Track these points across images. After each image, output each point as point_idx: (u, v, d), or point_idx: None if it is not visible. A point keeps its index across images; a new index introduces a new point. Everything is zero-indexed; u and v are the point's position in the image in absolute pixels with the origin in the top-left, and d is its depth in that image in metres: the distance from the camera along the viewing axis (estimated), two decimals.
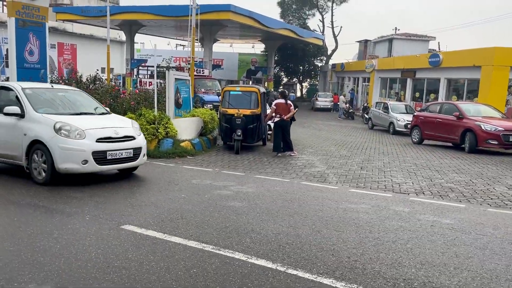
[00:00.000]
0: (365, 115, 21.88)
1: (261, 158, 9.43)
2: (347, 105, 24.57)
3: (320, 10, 40.86)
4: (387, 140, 14.75)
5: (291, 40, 31.29)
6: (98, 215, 4.51)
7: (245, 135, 9.95)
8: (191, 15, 13.47)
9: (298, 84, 40.09)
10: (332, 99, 29.20)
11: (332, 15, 40.16)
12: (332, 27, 40.25)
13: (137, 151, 6.29)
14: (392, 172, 8.17)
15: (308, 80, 41.82)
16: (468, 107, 12.49)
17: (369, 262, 3.40)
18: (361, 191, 6.29)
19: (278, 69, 38.72)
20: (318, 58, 39.82)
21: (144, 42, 41.63)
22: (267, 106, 11.52)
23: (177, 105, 11.18)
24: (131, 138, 6.25)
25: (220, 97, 12.58)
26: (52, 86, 7.26)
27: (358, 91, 29.56)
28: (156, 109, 9.95)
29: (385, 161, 9.58)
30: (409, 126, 16.85)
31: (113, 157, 5.92)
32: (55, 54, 30.88)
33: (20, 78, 14.58)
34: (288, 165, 8.66)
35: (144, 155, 6.51)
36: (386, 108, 18.15)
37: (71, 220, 4.32)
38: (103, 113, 6.95)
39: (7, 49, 33.37)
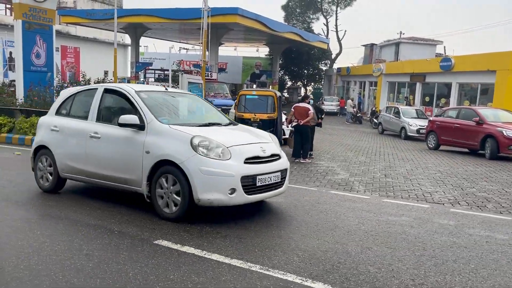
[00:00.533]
0: (374, 120, 21.62)
1: None
2: (355, 109, 24.31)
3: (325, 14, 40.76)
4: (401, 145, 14.45)
5: (296, 44, 31.09)
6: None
7: None
8: (202, 18, 13.23)
9: (302, 88, 39.85)
10: (339, 103, 28.96)
11: (336, 19, 40.08)
12: (336, 31, 40.15)
13: (284, 174, 4.91)
14: (419, 180, 7.87)
15: (312, 84, 41.61)
16: (487, 112, 12.21)
17: (437, 287, 3.09)
18: (395, 201, 5.98)
19: (282, 72, 38.51)
20: (322, 62, 39.64)
21: (148, 46, 41.48)
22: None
23: None
24: (277, 157, 4.87)
25: (235, 101, 12.25)
26: (166, 89, 5.82)
27: (364, 95, 29.32)
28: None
29: (407, 167, 9.28)
30: (421, 131, 16.64)
31: (262, 184, 4.48)
32: (58, 57, 30.64)
33: (27, 81, 14.29)
34: (309, 172, 8.36)
35: (288, 179, 5.11)
36: (397, 113, 17.88)
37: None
38: (230, 123, 5.49)
39: (10, 52, 33.12)
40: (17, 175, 6.63)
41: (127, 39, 44.47)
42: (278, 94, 10.77)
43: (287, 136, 12.22)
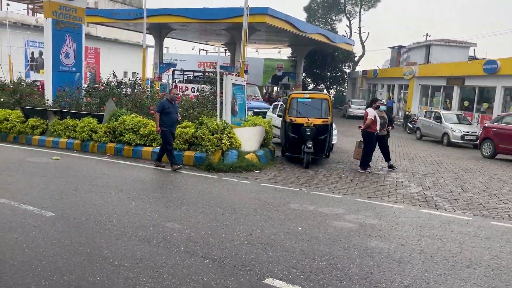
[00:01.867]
0: (409, 124, 20.63)
1: (336, 173, 8.35)
2: None
3: (348, 15, 39.79)
4: (450, 153, 13.47)
5: (321, 45, 30.23)
6: None
7: (315, 147, 8.88)
8: (243, 16, 12.53)
9: (325, 91, 38.92)
10: (366, 106, 27.95)
11: (359, 21, 39.05)
12: (360, 33, 39.11)
13: None
14: (504, 195, 6.98)
15: (335, 86, 40.64)
16: None
17: None
18: (506, 225, 5.12)
19: (305, 75, 37.67)
20: (346, 64, 38.65)
21: (168, 47, 41.05)
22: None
23: (233, 112, 10.17)
24: None
25: (281, 103, 11.45)
26: None
27: (393, 99, 28.25)
28: (219, 117, 8.95)
29: (481, 180, 8.38)
30: (466, 137, 15.63)
31: None
32: None
33: (56, 82, 13.76)
34: (374, 183, 7.55)
35: None
36: (438, 118, 16.89)
37: None
38: None
39: (32, 52, 32.93)
40: (69, 185, 5.98)
41: (147, 40, 44.32)
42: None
43: (335, 142, 11.42)
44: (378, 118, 8.76)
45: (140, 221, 4.52)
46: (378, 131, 8.79)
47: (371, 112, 8.65)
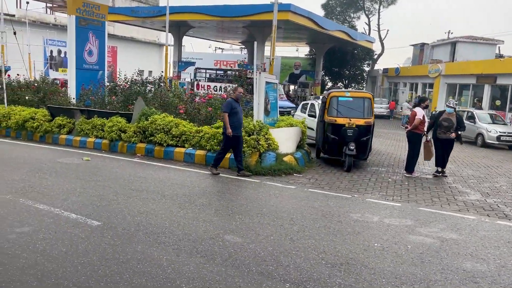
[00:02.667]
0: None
1: (381, 177, 7.83)
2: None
3: (367, 12, 38.94)
4: (489, 154, 12.77)
5: (341, 43, 29.54)
6: None
7: (357, 149, 8.35)
8: (264, 13, 12.03)
9: (343, 89, 38.22)
10: (388, 105, 27.20)
11: (378, 18, 38.18)
12: (379, 30, 38.24)
13: None
14: None
15: (353, 85, 39.83)
16: None
17: None
18: None
19: (323, 73, 36.99)
20: (365, 63, 37.82)
21: (185, 45, 40.80)
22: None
23: (265, 112, 9.70)
24: None
25: (311, 102, 10.85)
26: None
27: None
28: (255, 117, 8.49)
29: None
30: (502, 138, 14.88)
31: None
32: None
33: (79, 80, 13.47)
34: (427, 189, 7.01)
35: None
36: (471, 118, 16.14)
37: None
38: None
39: (51, 51, 32.93)
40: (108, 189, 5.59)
41: (162, 38, 44.14)
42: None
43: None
44: (426, 119, 8.20)
45: (195, 233, 4.09)
46: (425, 132, 8.23)
47: (420, 112, 8.08)
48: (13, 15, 23.72)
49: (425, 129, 8.19)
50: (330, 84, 38.76)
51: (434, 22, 78.06)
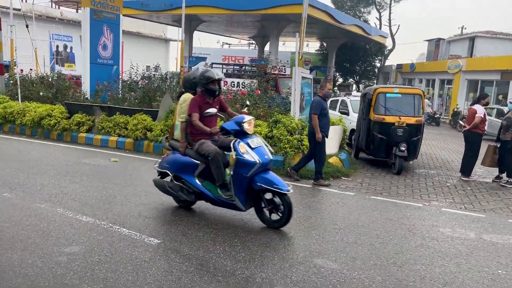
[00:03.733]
0: (460, 122, 19.21)
1: (437, 181, 7.17)
2: (432, 109, 21.90)
3: (378, 7, 38.12)
4: None
5: (354, 38, 28.78)
6: None
7: (407, 150, 7.67)
8: (278, 7, 11.24)
9: (354, 85, 37.42)
10: None
11: (390, 13, 37.39)
12: (390, 26, 37.47)
13: None
14: None
15: (364, 81, 39.09)
16: None
17: None
18: None
19: (334, 69, 36.26)
20: (377, 58, 37.06)
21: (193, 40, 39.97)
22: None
23: (300, 109, 9.01)
24: None
25: (342, 99, 10.11)
26: None
27: (434, 94, 26.68)
28: (297, 115, 7.81)
29: None
30: None
31: None
32: None
33: (93, 75, 12.74)
34: (495, 195, 6.37)
35: None
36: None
37: None
38: None
39: (57, 46, 32.07)
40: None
41: (169, 33, 43.30)
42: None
43: None
44: (487, 117, 7.52)
45: (278, 256, 3.42)
46: (486, 131, 7.55)
47: (480, 110, 7.38)
48: (19, 9, 22.98)
49: (486, 128, 7.51)
50: (340, 80, 38.05)
51: (445, 18, 77.05)
